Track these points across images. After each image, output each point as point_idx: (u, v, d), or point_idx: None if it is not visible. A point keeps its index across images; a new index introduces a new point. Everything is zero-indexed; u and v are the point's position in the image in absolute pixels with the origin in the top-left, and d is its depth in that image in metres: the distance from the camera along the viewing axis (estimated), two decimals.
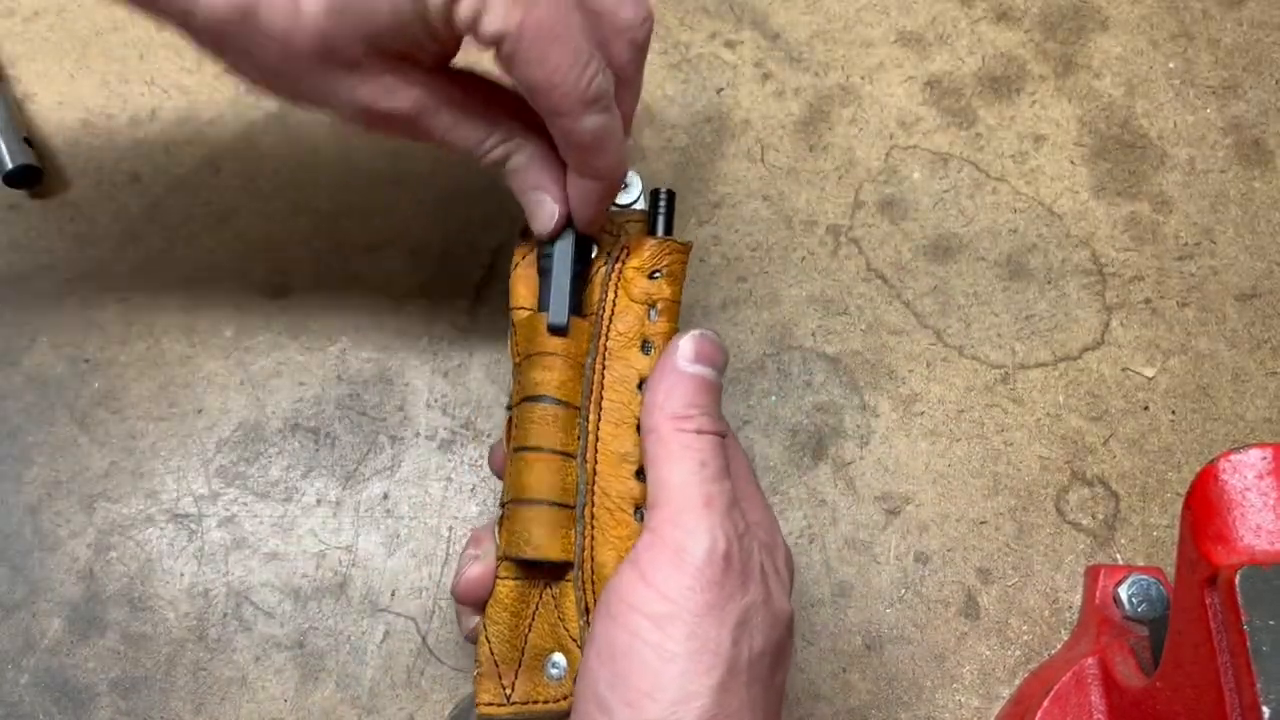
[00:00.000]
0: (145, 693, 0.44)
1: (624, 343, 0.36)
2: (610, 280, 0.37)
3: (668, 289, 0.37)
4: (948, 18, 0.57)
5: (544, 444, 0.35)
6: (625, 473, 0.35)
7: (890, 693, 0.45)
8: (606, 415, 0.35)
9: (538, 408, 0.36)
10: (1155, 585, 0.43)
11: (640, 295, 0.37)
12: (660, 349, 0.36)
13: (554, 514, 0.35)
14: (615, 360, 0.36)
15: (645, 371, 0.36)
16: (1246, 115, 0.55)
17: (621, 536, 0.34)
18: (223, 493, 0.47)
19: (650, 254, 0.37)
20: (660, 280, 0.37)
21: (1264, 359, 0.51)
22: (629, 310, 0.37)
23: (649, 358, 0.36)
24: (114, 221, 0.51)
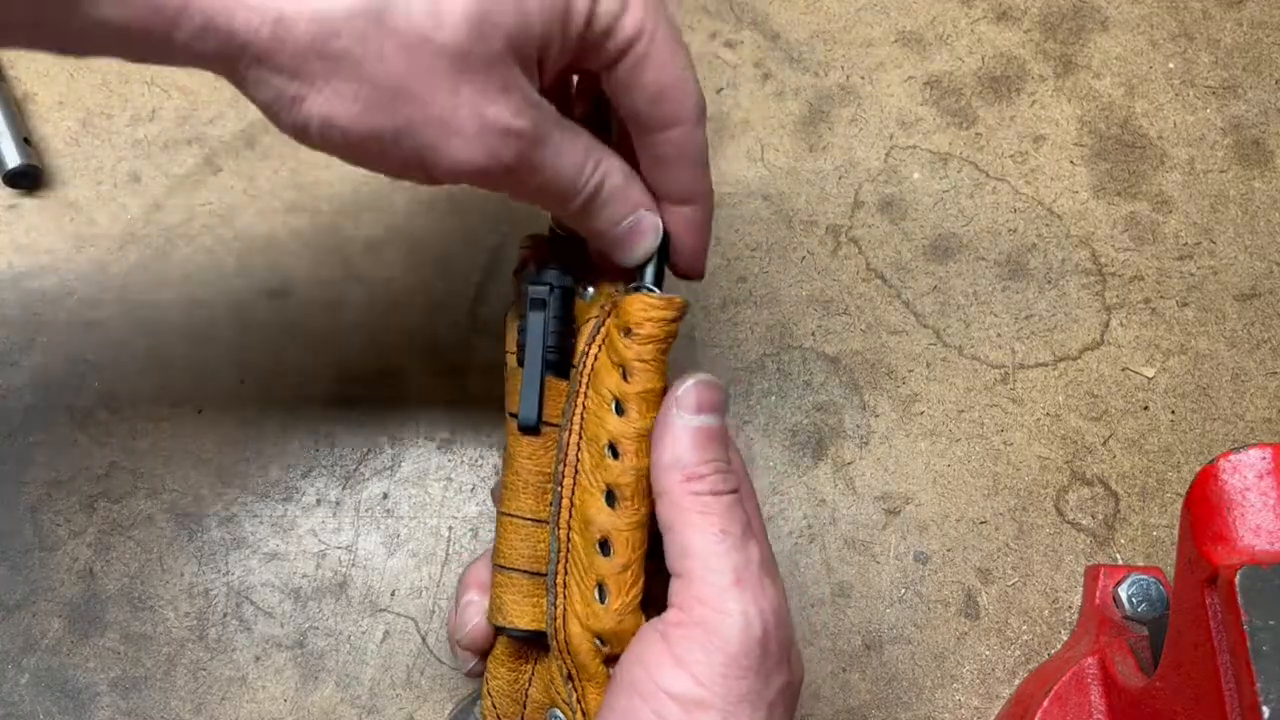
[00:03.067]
0: (145, 693, 0.44)
1: (598, 403, 0.34)
2: (597, 336, 0.35)
3: (636, 349, 0.33)
4: (948, 18, 0.57)
5: (514, 509, 0.35)
6: (590, 543, 0.33)
7: (890, 693, 0.45)
8: (579, 480, 0.34)
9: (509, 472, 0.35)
10: (1155, 585, 0.43)
11: (616, 356, 0.34)
12: (634, 412, 0.33)
13: (528, 583, 0.34)
14: (589, 419, 0.34)
15: (615, 435, 0.33)
16: (1246, 115, 0.55)
17: (586, 615, 0.33)
18: (223, 493, 0.47)
19: (628, 313, 0.33)
20: (631, 340, 0.33)
21: (1264, 359, 0.51)
22: (607, 370, 0.34)
23: (621, 420, 0.33)
24: (114, 221, 0.51)
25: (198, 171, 0.52)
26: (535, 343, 0.35)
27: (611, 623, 0.32)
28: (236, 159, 0.53)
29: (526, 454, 0.35)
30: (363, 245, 0.51)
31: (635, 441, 0.33)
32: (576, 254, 0.37)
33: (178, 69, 0.55)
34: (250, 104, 0.30)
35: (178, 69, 0.55)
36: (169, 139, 0.53)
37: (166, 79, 0.55)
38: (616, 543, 0.33)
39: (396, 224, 0.52)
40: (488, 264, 0.51)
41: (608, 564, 0.32)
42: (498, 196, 0.34)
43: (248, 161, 0.53)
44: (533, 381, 0.35)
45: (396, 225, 0.52)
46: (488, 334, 0.50)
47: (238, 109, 0.54)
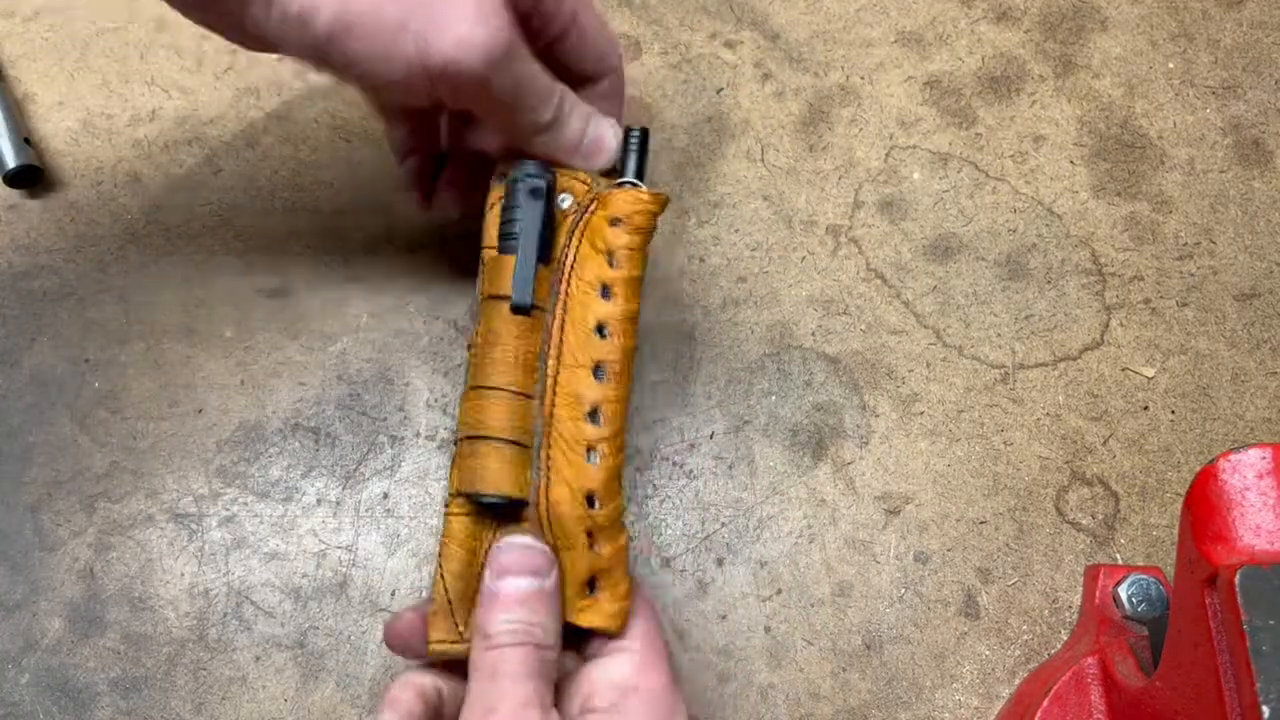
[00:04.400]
0: (145, 693, 0.44)
1: (583, 288, 0.37)
2: (576, 229, 0.38)
3: (625, 237, 0.37)
4: (948, 18, 0.57)
5: (503, 383, 0.36)
6: (579, 414, 0.35)
7: (890, 693, 0.45)
8: (564, 360, 0.36)
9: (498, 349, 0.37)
10: (1155, 585, 0.43)
11: (601, 244, 0.37)
12: (620, 296, 0.37)
13: (511, 451, 0.35)
14: (574, 303, 0.37)
15: (604, 317, 0.36)
16: (1246, 115, 0.55)
17: (574, 476, 0.35)
18: (223, 493, 0.47)
19: (616, 204, 0.37)
20: (620, 229, 0.37)
21: (1264, 359, 0.51)
22: (590, 258, 0.37)
23: (608, 303, 0.36)
24: (114, 221, 0.51)
25: (198, 171, 0.52)
26: (532, 228, 0.37)
27: (601, 479, 0.35)
28: (236, 159, 0.53)
29: (515, 333, 0.36)
30: (363, 245, 0.51)
31: (623, 322, 0.36)
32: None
33: (178, 69, 0.55)
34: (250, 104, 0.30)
35: (178, 69, 0.55)
36: (169, 139, 0.53)
37: (166, 79, 0.55)
38: (606, 412, 0.36)
39: (396, 224, 0.52)
40: None
41: (598, 431, 0.35)
42: None
43: (248, 161, 0.53)
44: (528, 265, 0.37)
45: (396, 225, 0.52)
46: None
47: (238, 109, 0.54)
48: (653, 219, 0.38)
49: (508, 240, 0.37)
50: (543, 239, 0.37)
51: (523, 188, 0.37)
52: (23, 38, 0.55)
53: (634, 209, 0.37)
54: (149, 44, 0.55)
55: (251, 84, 0.54)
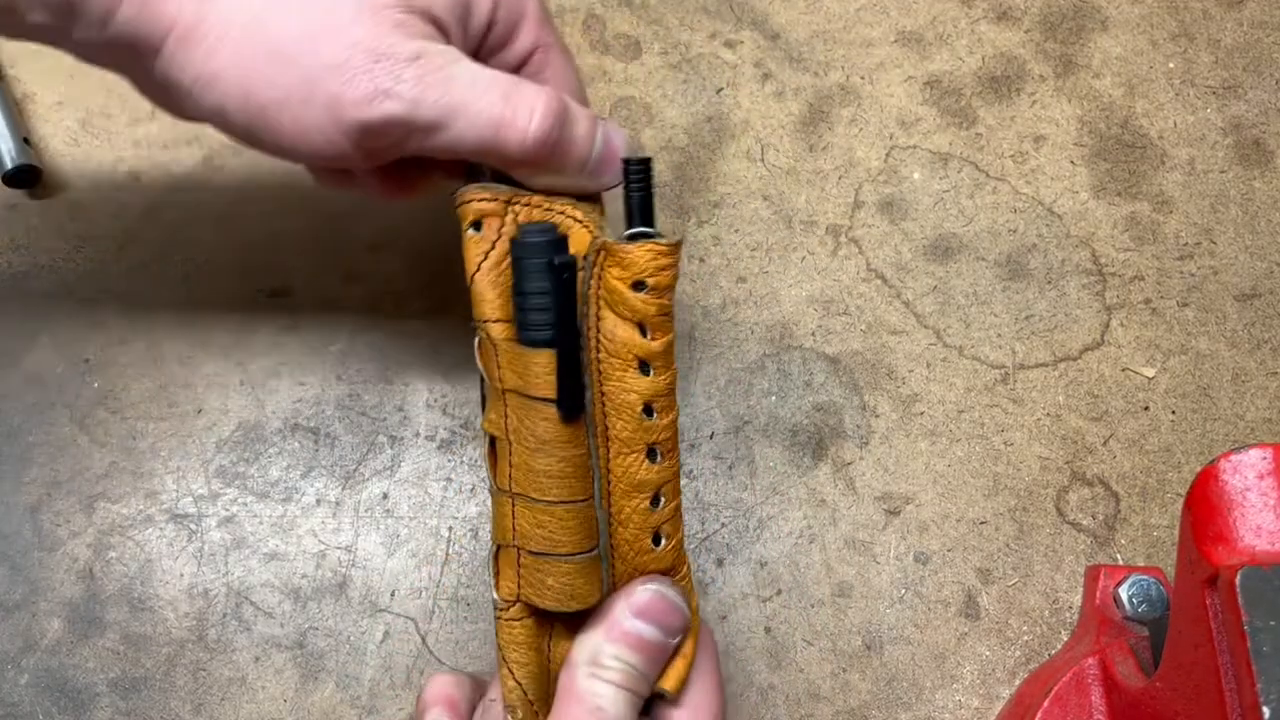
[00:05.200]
0: (145, 693, 0.44)
1: (619, 366, 0.32)
2: (591, 291, 0.32)
3: (655, 303, 0.32)
4: (948, 18, 0.57)
5: (564, 496, 0.32)
6: (642, 503, 0.33)
7: (890, 693, 0.45)
8: (614, 446, 0.33)
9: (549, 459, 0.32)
10: (1155, 585, 0.43)
11: (628, 312, 0.32)
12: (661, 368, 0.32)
13: (589, 563, 0.33)
14: (612, 385, 0.32)
15: (649, 395, 0.32)
16: (1246, 115, 0.55)
17: (645, 563, 0.33)
18: (222, 493, 0.47)
19: (637, 265, 0.31)
20: (647, 294, 0.32)
21: (1264, 359, 0.51)
22: (618, 328, 0.32)
23: (650, 379, 0.32)
24: (114, 221, 0.51)
25: (198, 171, 0.52)
26: (559, 311, 0.32)
27: (671, 559, 0.34)
28: (236, 159, 0.53)
29: (567, 438, 0.32)
30: (363, 245, 0.51)
31: (669, 396, 0.33)
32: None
33: None
34: None
35: None
36: (169, 139, 0.53)
37: None
38: (665, 492, 0.33)
39: (396, 224, 0.52)
40: None
41: (661, 514, 0.33)
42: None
43: (248, 161, 0.53)
44: (575, 366, 0.32)
45: (396, 225, 0.52)
46: None
47: None
48: (676, 269, 0.32)
49: (533, 331, 0.32)
50: (572, 322, 0.32)
51: (538, 265, 0.32)
52: None
53: (656, 266, 0.31)
54: None
55: None
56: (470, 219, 0.34)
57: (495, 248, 0.33)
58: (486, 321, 0.33)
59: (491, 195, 0.33)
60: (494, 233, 0.34)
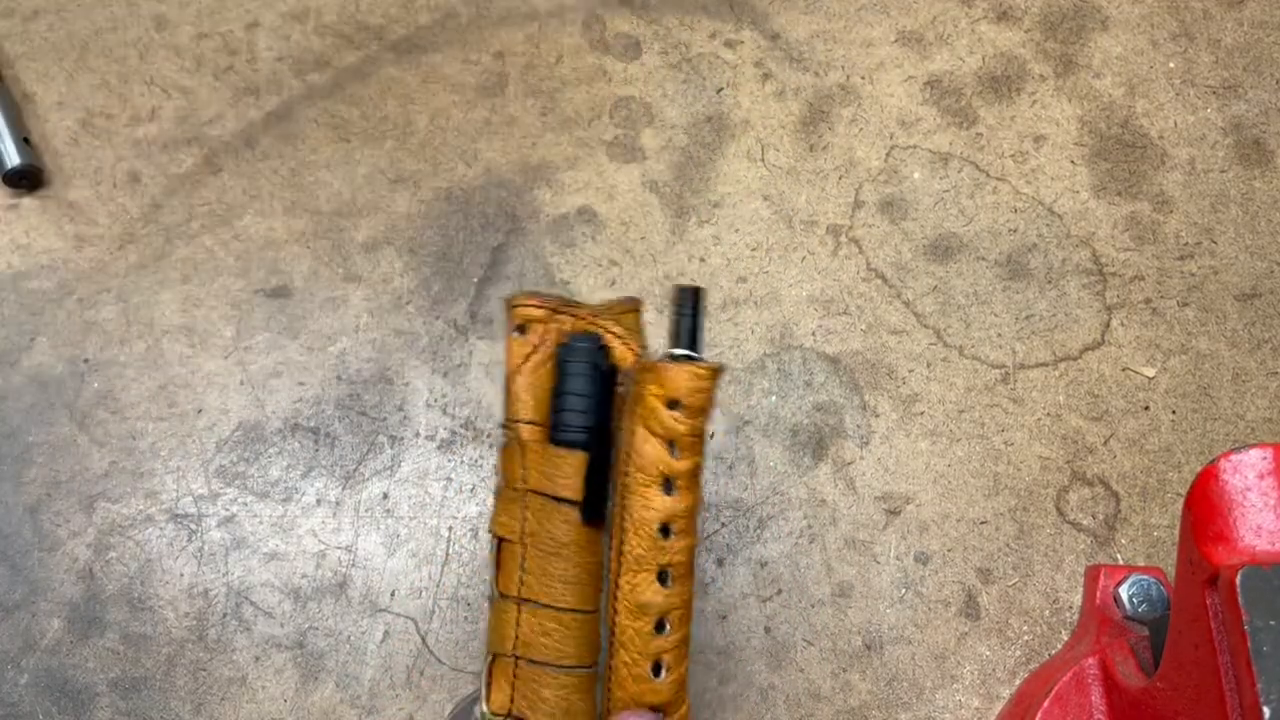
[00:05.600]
0: (145, 693, 0.44)
1: (643, 481, 0.32)
2: (627, 406, 0.33)
3: (688, 423, 0.32)
4: (948, 17, 0.57)
5: (574, 604, 0.32)
6: (646, 625, 0.32)
7: (890, 693, 0.45)
8: (625, 562, 0.32)
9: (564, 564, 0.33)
10: (1155, 585, 0.43)
11: (660, 429, 0.32)
12: (685, 489, 0.32)
13: (586, 678, 0.33)
14: (634, 499, 0.32)
15: (668, 516, 0.32)
16: (1246, 115, 0.55)
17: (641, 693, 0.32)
18: (222, 493, 0.47)
19: (675, 384, 0.32)
20: (680, 413, 0.32)
21: (1264, 359, 0.51)
22: (648, 445, 0.32)
23: (672, 499, 0.32)
24: (114, 221, 0.51)
25: (198, 171, 0.52)
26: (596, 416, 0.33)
27: (669, 694, 0.32)
28: (236, 159, 0.53)
29: (584, 543, 0.33)
30: (363, 245, 0.51)
31: (688, 519, 0.32)
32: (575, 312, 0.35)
33: (178, 69, 0.55)
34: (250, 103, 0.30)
35: (178, 69, 0.55)
36: (169, 139, 0.53)
37: (166, 79, 0.55)
38: (672, 619, 0.32)
39: (396, 224, 0.52)
40: (488, 264, 0.51)
41: (665, 641, 0.32)
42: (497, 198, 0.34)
43: (248, 161, 0.53)
44: (604, 466, 0.33)
45: (396, 225, 0.52)
46: (488, 334, 0.50)
47: (237, 109, 0.54)
48: (713, 396, 0.32)
49: (568, 432, 0.33)
50: (607, 430, 0.33)
51: (582, 369, 0.33)
52: (22, 38, 0.55)
53: (694, 387, 0.31)
54: (148, 44, 0.55)
55: (251, 84, 0.54)
56: (517, 322, 0.35)
57: (537, 352, 0.34)
58: (518, 422, 0.34)
59: (540, 303, 0.34)
60: (537, 338, 0.34)
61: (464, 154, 0.53)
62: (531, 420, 0.34)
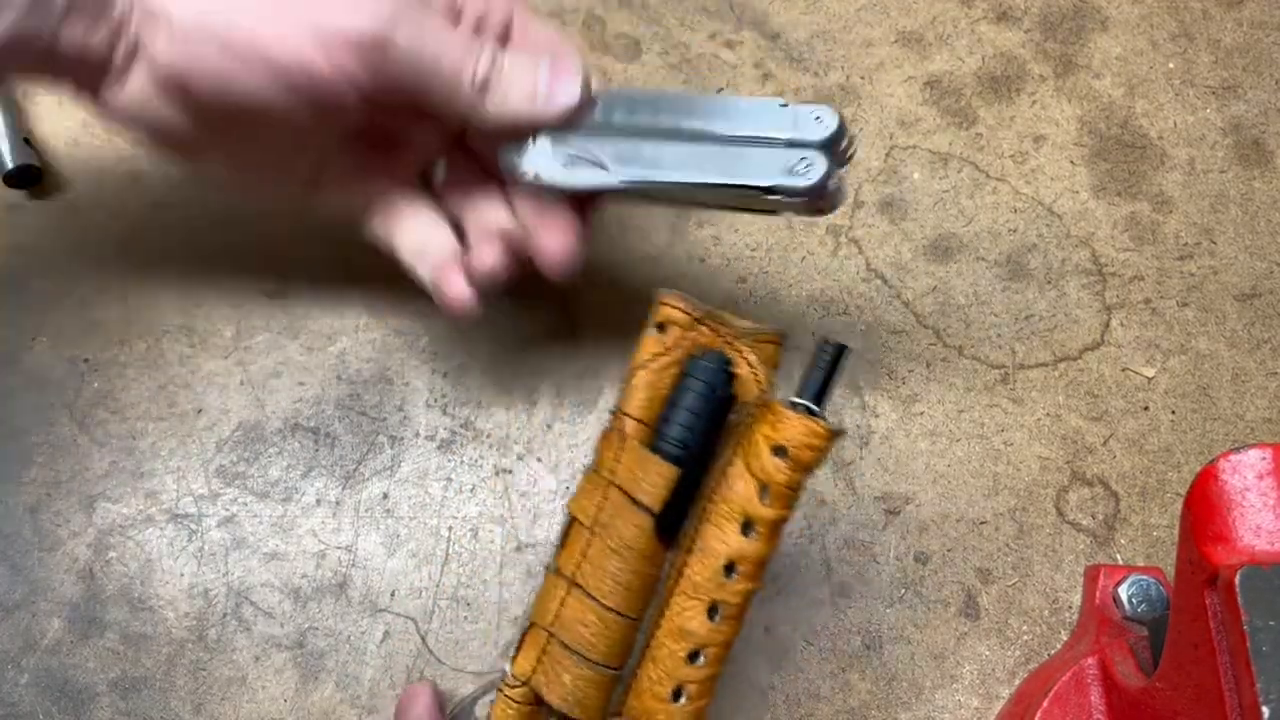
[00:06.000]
0: (145, 693, 0.44)
1: (725, 514, 0.32)
2: (735, 438, 0.33)
3: (787, 474, 0.31)
4: (948, 18, 0.57)
5: (619, 606, 0.32)
6: (681, 650, 0.32)
7: (890, 693, 0.45)
8: (681, 585, 0.32)
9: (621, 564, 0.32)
10: (1155, 585, 0.43)
11: (758, 470, 0.32)
12: (763, 537, 0.32)
13: (607, 678, 0.33)
14: (710, 529, 0.32)
15: (737, 556, 0.32)
16: (1246, 115, 0.55)
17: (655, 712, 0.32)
18: (223, 493, 0.47)
19: (787, 432, 0.31)
20: (783, 461, 0.31)
21: (1264, 359, 0.51)
22: (741, 481, 0.32)
23: (746, 541, 0.32)
24: (114, 221, 0.51)
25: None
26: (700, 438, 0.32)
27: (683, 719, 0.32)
28: None
29: (648, 552, 0.32)
30: (363, 245, 0.51)
31: (755, 566, 0.32)
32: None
33: None
34: None
35: None
36: None
37: None
38: (709, 655, 0.32)
39: None
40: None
41: (695, 672, 0.32)
42: None
43: None
44: (688, 483, 0.32)
45: None
46: (488, 334, 0.50)
47: None
48: (822, 455, 0.32)
49: (669, 444, 0.33)
50: (707, 453, 0.33)
51: (701, 389, 0.33)
52: None
53: (806, 442, 0.31)
54: None
55: None
56: (658, 319, 0.34)
57: (667, 355, 0.34)
58: (627, 415, 0.34)
59: (687, 309, 0.34)
60: (672, 342, 0.34)
61: None
62: (639, 418, 0.33)
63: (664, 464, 0.32)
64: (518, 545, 0.47)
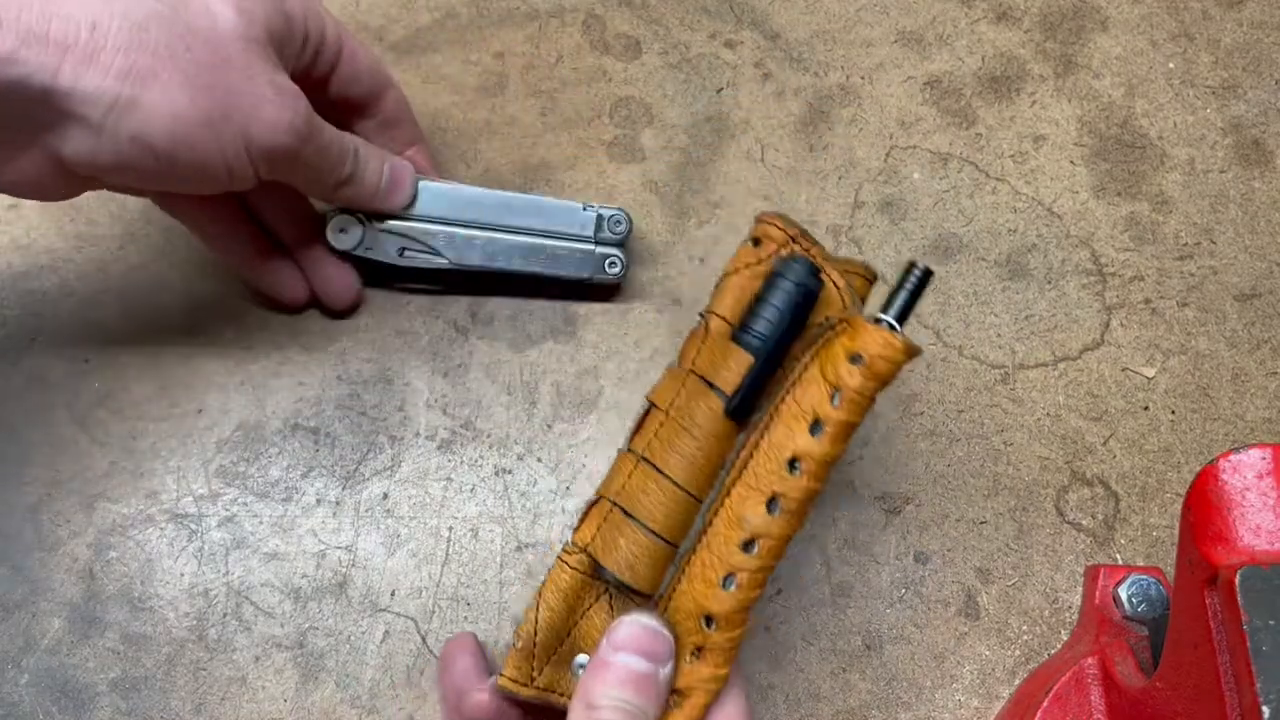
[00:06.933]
0: (145, 693, 0.44)
1: (795, 413, 0.33)
2: (815, 346, 0.34)
3: (860, 380, 0.32)
4: (948, 18, 0.57)
5: (681, 479, 0.34)
6: (736, 538, 0.33)
7: (890, 693, 0.45)
8: (744, 477, 0.33)
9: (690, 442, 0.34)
10: (1155, 585, 0.43)
11: (832, 376, 0.33)
12: (829, 438, 0.32)
13: (659, 547, 0.34)
14: (778, 424, 0.33)
15: (802, 453, 0.33)
16: (1246, 115, 0.55)
17: (703, 594, 0.33)
18: (223, 493, 0.47)
19: (866, 341, 0.32)
20: (858, 368, 0.32)
21: (1264, 359, 0.51)
22: (814, 384, 0.33)
23: (813, 440, 0.32)
24: (114, 221, 0.51)
25: None
26: (780, 340, 0.34)
27: (730, 606, 0.33)
28: None
29: (716, 433, 0.34)
30: None
31: (820, 465, 0.33)
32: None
33: None
34: None
35: None
36: None
37: None
38: (763, 546, 0.33)
39: None
40: None
41: (747, 560, 0.33)
42: None
43: None
44: (760, 376, 0.34)
45: None
46: (488, 334, 0.50)
47: None
48: (897, 369, 0.33)
49: (748, 334, 0.34)
50: (784, 348, 0.34)
51: (787, 286, 0.34)
52: None
53: (881, 353, 0.32)
54: None
55: None
56: (755, 234, 0.37)
57: (760, 264, 0.36)
58: (714, 314, 0.36)
59: (783, 226, 0.36)
60: (765, 253, 0.36)
61: (464, 154, 0.53)
62: (724, 317, 0.35)
63: (741, 351, 0.34)
64: (518, 545, 0.47)
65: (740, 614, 0.33)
